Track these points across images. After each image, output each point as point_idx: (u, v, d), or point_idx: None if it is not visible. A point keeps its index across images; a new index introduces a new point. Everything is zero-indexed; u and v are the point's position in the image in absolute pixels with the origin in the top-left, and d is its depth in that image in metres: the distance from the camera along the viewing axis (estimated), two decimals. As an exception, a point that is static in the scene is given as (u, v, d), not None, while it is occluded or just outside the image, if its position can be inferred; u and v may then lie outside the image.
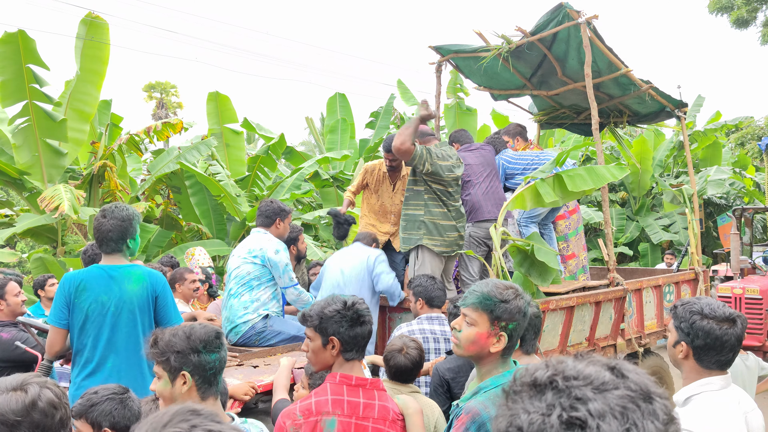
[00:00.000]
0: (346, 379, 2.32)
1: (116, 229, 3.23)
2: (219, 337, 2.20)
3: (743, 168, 17.30)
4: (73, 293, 3.17)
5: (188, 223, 11.84)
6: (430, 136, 5.01)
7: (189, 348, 2.09)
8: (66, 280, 3.22)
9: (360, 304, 2.39)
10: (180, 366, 2.08)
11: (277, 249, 4.38)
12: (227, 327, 4.35)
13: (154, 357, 2.13)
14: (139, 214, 3.38)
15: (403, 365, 3.25)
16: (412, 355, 3.27)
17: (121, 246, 3.27)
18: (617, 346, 5.41)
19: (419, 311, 4.14)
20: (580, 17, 5.14)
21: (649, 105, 6.38)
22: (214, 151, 11.94)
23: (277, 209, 4.54)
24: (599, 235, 15.29)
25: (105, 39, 9.53)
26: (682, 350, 2.27)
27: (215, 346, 2.15)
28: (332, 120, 14.96)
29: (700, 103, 16.83)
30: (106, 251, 3.28)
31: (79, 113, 9.69)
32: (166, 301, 3.29)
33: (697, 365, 2.25)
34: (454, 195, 4.80)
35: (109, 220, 3.24)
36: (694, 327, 2.22)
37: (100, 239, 3.26)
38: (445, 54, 6.25)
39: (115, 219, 3.24)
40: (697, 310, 2.26)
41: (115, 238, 3.24)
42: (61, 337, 3.23)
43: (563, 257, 5.95)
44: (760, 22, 17.08)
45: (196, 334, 2.12)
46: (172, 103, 37.24)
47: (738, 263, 9.02)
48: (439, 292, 4.14)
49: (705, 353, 2.21)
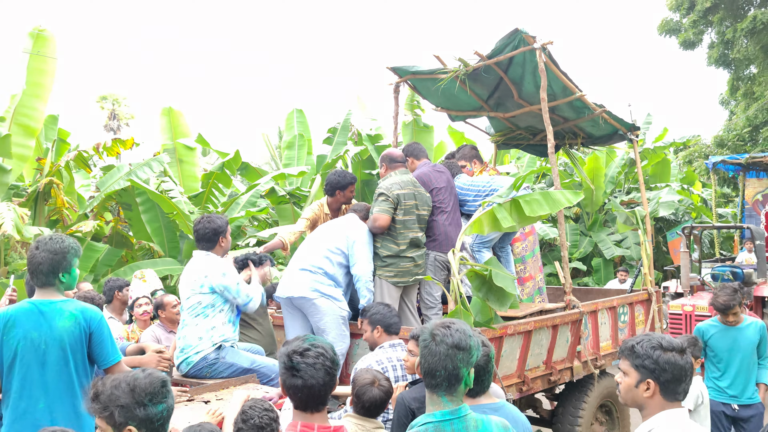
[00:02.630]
0: (308, 429, 2.23)
1: (47, 261, 3.05)
2: (165, 385, 2.09)
3: (690, 184, 17.84)
4: (2, 330, 2.99)
5: (139, 241, 11.51)
6: (399, 162, 5.16)
7: (134, 401, 1.97)
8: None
9: (300, 353, 2.29)
10: (125, 421, 1.96)
11: (223, 272, 4.22)
12: (179, 357, 4.20)
13: (95, 412, 1.99)
14: (77, 247, 3.18)
15: (378, 398, 3.18)
16: (386, 387, 3.22)
17: (53, 280, 3.08)
18: (573, 369, 5.43)
19: (377, 340, 4.08)
20: (535, 42, 5.19)
21: (602, 128, 6.48)
22: (167, 167, 11.66)
23: (216, 228, 4.32)
24: (554, 250, 15.51)
25: (52, 52, 9.24)
26: (649, 388, 2.26)
27: (162, 396, 2.04)
28: (290, 136, 14.82)
29: (650, 121, 17.29)
30: (38, 284, 3.10)
31: (24, 128, 9.36)
32: (102, 337, 3.10)
33: (662, 400, 2.26)
34: (412, 226, 4.88)
35: (41, 252, 3.05)
36: (660, 361, 2.24)
37: (31, 271, 3.09)
38: (402, 75, 6.23)
39: (47, 251, 3.05)
40: (657, 345, 2.28)
41: (45, 271, 3.05)
42: None
43: (521, 279, 5.96)
44: (706, 44, 17.71)
45: (140, 386, 1.99)
46: (123, 114, 36.52)
47: (688, 281, 9.24)
48: (395, 319, 4.12)
49: (672, 385, 2.23)
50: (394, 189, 4.84)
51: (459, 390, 2.16)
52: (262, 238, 11.38)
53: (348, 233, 4.78)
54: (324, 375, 2.26)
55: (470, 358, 2.17)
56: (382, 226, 4.79)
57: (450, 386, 2.14)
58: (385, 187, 4.88)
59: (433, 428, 2.11)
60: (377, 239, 4.89)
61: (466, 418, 2.15)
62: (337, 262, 4.70)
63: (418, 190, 4.97)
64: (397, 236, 4.84)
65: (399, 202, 4.81)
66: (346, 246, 4.73)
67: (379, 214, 4.79)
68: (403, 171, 5.06)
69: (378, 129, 14.26)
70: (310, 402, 2.26)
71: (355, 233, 4.78)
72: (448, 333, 2.16)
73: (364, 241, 4.76)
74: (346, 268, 4.75)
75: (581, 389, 5.66)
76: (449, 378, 2.13)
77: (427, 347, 2.17)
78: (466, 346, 2.15)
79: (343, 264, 4.74)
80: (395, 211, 4.81)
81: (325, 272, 4.65)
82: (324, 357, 2.28)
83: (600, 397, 5.78)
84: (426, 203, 5.00)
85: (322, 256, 4.70)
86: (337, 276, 4.70)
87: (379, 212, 4.80)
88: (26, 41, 9.19)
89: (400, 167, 5.10)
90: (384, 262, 4.83)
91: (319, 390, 2.25)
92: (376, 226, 4.81)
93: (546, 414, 5.97)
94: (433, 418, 2.13)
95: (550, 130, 5.34)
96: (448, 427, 2.11)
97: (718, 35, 17.08)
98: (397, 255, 4.82)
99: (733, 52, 16.56)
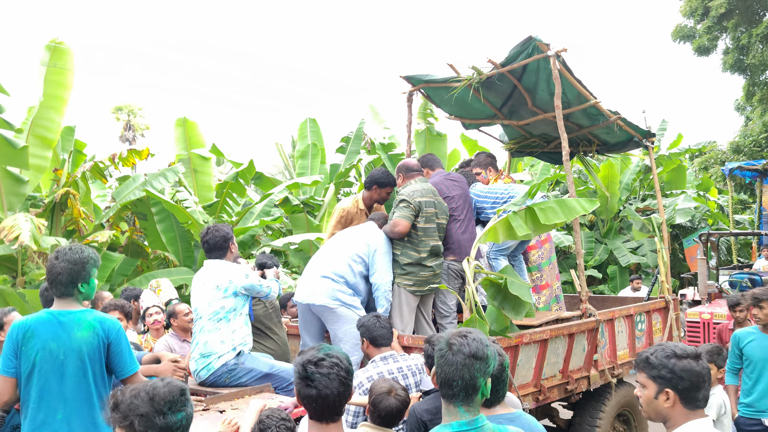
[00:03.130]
0: None
1: (67, 272, 3.06)
2: (184, 393, 2.09)
3: (707, 191, 17.67)
4: (21, 340, 3.01)
5: (154, 251, 11.58)
6: (416, 172, 5.16)
7: (153, 410, 1.97)
8: (14, 328, 3.06)
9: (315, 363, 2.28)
10: (145, 430, 1.96)
11: (246, 273, 4.33)
12: (199, 363, 4.21)
13: (115, 422, 2.00)
14: (96, 257, 3.20)
15: (395, 408, 3.17)
16: (402, 396, 3.21)
17: (72, 290, 3.10)
18: (591, 378, 5.38)
19: (367, 352, 4.08)
20: (549, 50, 5.17)
21: (617, 135, 6.44)
22: (182, 177, 11.74)
23: (225, 235, 4.39)
24: (569, 257, 15.41)
25: (69, 65, 9.34)
26: (668, 398, 2.24)
27: (181, 404, 2.04)
28: (303, 145, 14.87)
29: (665, 128, 17.19)
30: (57, 295, 3.12)
31: (41, 140, 9.44)
32: (120, 348, 3.11)
33: (684, 409, 2.23)
34: (432, 234, 4.87)
35: (60, 263, 3.07)
36: (675, 369, 2.22)
37: (50, 281, 3.11)
38: (416, 84, 6.24)
39: (66, 261, 3.07)
40: (671, 353, 2.27)
41: (65, 281, 3.07)
42: (9, 387, 3.07)
43: (537, 287, 5.92)
44: (721, 50, 17.58)
45: (159, 395, 2.00)
46: (139, 125, 36.86)
47: (705, 288, 9.13)
48: (382, 331, 4.04)
49: (691, 393, 2.21)
50: (416, 196, 4.84)
51: (476, 400, 2.14)
52: (276, 247, 11.41)
53: (369, 240, 4.79)
54: (338, 385, 2.25)
55: (487, 367, 2.14)
56: (401, 232, 4.77)
57: (467, 396, 2.12)
58: (407, 193, 4.87)
59: None
60: (397, 246, 4.88)
61: (483, 429, 2.13)
62: (358, 271, 4.72)
63: (437, 199, 4.99)
64: (418, 244, 4.83)
65: (420, 210, 4.81)
66: (366, 254, 4.74)
67: (399, 220, 4.77)
68: (422, 179, 5.09)
69: (391, 138, 14.28)
70: (326, 412, 2.26)
71: (375, 241, 4.79)
72: (465, 342, 2.14)
73: (384, 250, 4.78)
74: (365, 277, 4.76)
75: (598, 398, 5.60)
76: (466, 388, 2.11)
77: (444, 357, 2.15)
78: (484, 356, 2.13)
79: (363, 273, 4.75)
80: (416, 218, 4.80)
81: (346, 281, 4.66)
82: (339, 367, 2.27)
83: (618, 406, 5.72)
84: (444, 212, 5.01)
85: (345, 264, 4.70)
86: (357, 285, 4.72)
87: (400, 218, 4.78)
88: (43, 54, 9.29)
89: (417, 176, 5.11)
90: (404, 270, 4.82)
91: (333, 400, 2.24)
92: (395, 232, 4.79)
93: (563, 423, 5.91)
94: (449, 429, 2.11)
95: (565, 137, 5.32)
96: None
97: (733, 41, 16.94)
98: (417, 263, 4.81)
99: (748, 58, 16.42)
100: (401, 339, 4.49)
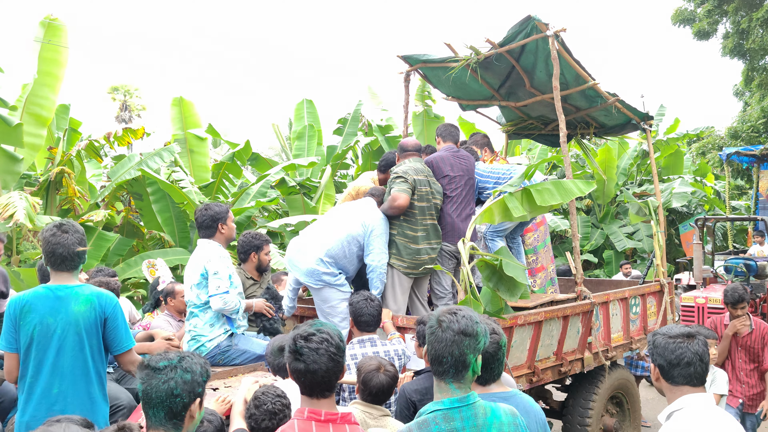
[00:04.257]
0: (315, 415, 2.21)
1: (79, 243, 3.08)
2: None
3: (704, 176, 17.67)
4: (19, 315, 3.01)
5: (150, 231, 11.55)
6: (410, 152, 5.06)
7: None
8: (11, 304, 3.07)
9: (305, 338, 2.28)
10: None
11: (209, 258, 4.19)
12: (191, 346, 4.20)
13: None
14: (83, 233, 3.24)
15: (385, 383, 3.16)
16: (391, 372, 3.20)
17: (79, 264, 3.13)
18: (585, 360, 5.39)
19: (353, 331, 4.06)
20: (548, 30, 5.11)
21: (615, 117, 6.41)
22: (178, 158, 11.68)
23: (213, 215, 4.31)
24: (564, 242, 15.43)
25: (63, 42, 9.24)
26: (654, 372, 2.43)
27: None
28: (300, 126, 14.80)
29: (663, 113, 17.15)
30: (62, 269, 3.10)
31: (36, 117, 9.37)
32: (117, 323, 3.12)
33: (668, 384, 2.39)
34: (428, 213, 4.82)
35: (72, 235, 3.07)
36: (655, 345, 2.41)
37: (61, 256, 3.08)
38: (413, 64, 6.18)
39: (76, 233, 3.09)
40: (658, 332, 2.47)
41: (81, 253, 3.09)
42: (16, 362, 3.09)
43: (533, 270, 5.92)
44: (721, 34, 17.48)
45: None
46: (135, 105, 36.63)
47: (701, 273, 9.17)
48: (368, 318, 3.98)
49: (669, 369, 2.36)
50: (410, 173, 4.77)
51: (467, 377, 2.13)
52: (272, 228, 11.39)
53: (364, 220, 4.69)
54: (327, 361, 2.24)
55: (477, 344, 2.14)
56: (401, 205, 4.67)
57: (457, 373, 2.11)
58: (401, 170, 4.80)
59: (442, 416, 2.08)
60: (394, 226, 4.80)
61: (475, 406, 2.12)
62: (351, 251, 4.64)
63: (431, 179, 4.92)
64: (415, 222, 4.77)
65: (415, 187, 4.75)
66: (362, 234, 4.65)
67: (398, 193, 4.66)
68: (416, 159, 4.99)
69: (389, 120, 14.22)
70: (315, 387, 2.25)
71: (372, 221, 4.69)
72: (454, 319, 2.14)
73: (380, 231, 4.69)
74: (359, 256, 4.71)
75: (592, 381, 5.62)
76: (456, 364, 2.10)
77: (434, 333, 2.15)
78: (473, 332, 2.13)
79: (356, 252, 4.68)
80: (412, 196, 4.73)
81: (336, 262, 4.60)
82: (328, 343, 2.27)
83: (611, 388, 5.74)
84: (438, 192, 4.94)
85: (338, 243, 4.60)
86: (347, 265, 4.66)
87: (399, 191, 4.67)
88: (37, 30, 9.20)
89: (412, 155, 5.03)
90: (399, 251, 4.76)
91: (322, 376, 2.24)
92: (395, 206, 4.68)
93: (556, 405, 5.94)
94: (441, 406, 2.10)
95: (563, 119, 5.28)
96: (456, 415, 2.08)
97: (733, 25, 16.83)
98: (414, 242, 4.75)
99: (748, 43, 16.33)
100: (395, 320, 4.49)
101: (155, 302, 5.93)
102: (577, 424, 5.51)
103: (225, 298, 4.12)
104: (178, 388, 2.12)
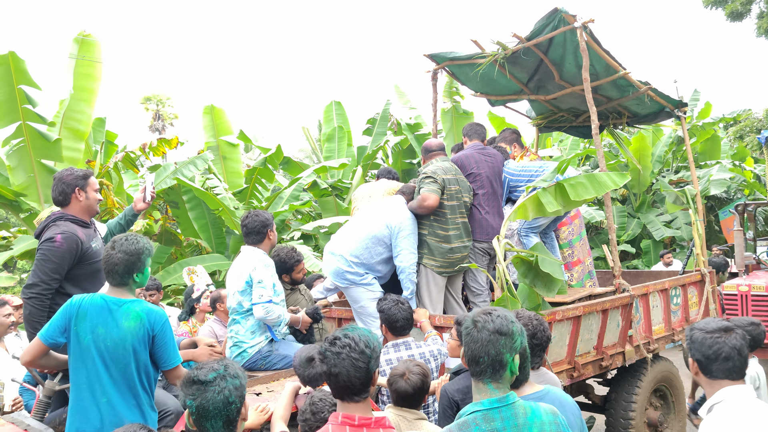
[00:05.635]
0: (349, 420, 2.24)
1: (123, 262, 3.13)
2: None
3: (742, 160, 17.23)
4: (74, 317, 3.08)
5: (187, 238, 11.76)
6: (435, 152, 5.07)
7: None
8: (71, 302, 3.13)
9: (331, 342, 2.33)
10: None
11: (254, 266, 4.27)
12: (233, 351, 4.28)
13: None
14: (151, 247, 3.26)
15: (403, 391, 3.16)
16: (413, 381, 3.18)
17: (127, 280, 3.17)
18: (626, 353, 5.32)
19: (386, 336, 4.07)
20: (575, 21, 5.06)
21: (648, 106, 6.31)
22: (211, 165, 11.86)
23: (264, 220, 4.41)
24: (600, 233, 15.21)
25: (97, 57, 9.47)
26: (693, 366, 2.45)
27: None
28: (329, 128, 14.88)
29: (697, 98, 16.78)
30: (112, 283, 3.20)
31: (73, 132, 9.63)
32: (165, 340, 3.16)
33: (706, 378, 2.41)
34: (459, 212, 4.82)
35: (117, 253, 3.14)
36: (692, 340, 2.44)
37: (106, 271, 3.17)
38: (440, 62, 6.18)
39: (123, 252, 3.14)
40: (695, 326, 2.48)
41: (121, 271, 3.14)
42: (39, 351, 3.14)
43: (569, 264, 5.86)
44: (755, 14, 17.02)
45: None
46: (168, 114, 37.23)
47: (743, 260, 8.95)
48: (402, 323, 3.99)
49: (707, 364, 2.38)
50: (438, 173, 4.77)
51: (505, 377, 2.14)
52: (306, 230, 11.49)
53: (389, 221, 4.68)
54: (349, 366, 2.26)
55: (513, 343, 2.14)
56: (431, 206, 4.66)
57: (494, 372, 2.12)
58: (430, 170, 4.80)
59: (482, 416, 2.09)
60: (424, 226, 4.80)
61: (515, 405, 2.12)
62: (377, 251, 4.67)
63: (459, 177, 4.91)
64: (446, 222, 4.77)
65: (445, 186, 4.75)
66: (387, 235, 4.67)
67: (428, 194, 4.66)
68: (443, 158, 5.00)
69: (417, 118, 14.19)
70: (341, 391, 2.29)
71: (398, 222, 4.68)
72: (489, 319, 2.15)
73: (408, 231, 4.68)
74: (387, 257, 4.72)
75: (634, 374, 5.55)
76: (493, 364, 2.11)
77: (470, 334, 2.16)
78: (509, 332, 2.13)
79: (383, 253, 4.69)
80: (441, 196, 4.73)
81: (362, 262, 4.64)
82: (350, 348, 2.28)
83: (654, 381, 5.66)
84: (468, 190, 4.93)
85: (362, 245, 4.65)
86: (376, 265, 4.69)
87: (428, 192, 4.66)
88: (72, 47, 9.45)
89: (438, 155, 5.03)
90: (431, 250, 4.76)
91: (344, 380, 2.26)
92: (424, 206, 4.67)
93: (598, 400, 5.88)
94: (481, 407, 2.11)
95: (594, 110, 5.22)
96: (497, 415, 2.08)
97: (767, 4, 16.41)
98: (446, 241, 4.74)
99: (783, 21, 15.89)
100: (432, 319, 4.50)
101: (190, 310, 6.05)
102: (620, 418, 5.44)
103: (267, 308, 4.20)
104: (232, 396, 2.19)
